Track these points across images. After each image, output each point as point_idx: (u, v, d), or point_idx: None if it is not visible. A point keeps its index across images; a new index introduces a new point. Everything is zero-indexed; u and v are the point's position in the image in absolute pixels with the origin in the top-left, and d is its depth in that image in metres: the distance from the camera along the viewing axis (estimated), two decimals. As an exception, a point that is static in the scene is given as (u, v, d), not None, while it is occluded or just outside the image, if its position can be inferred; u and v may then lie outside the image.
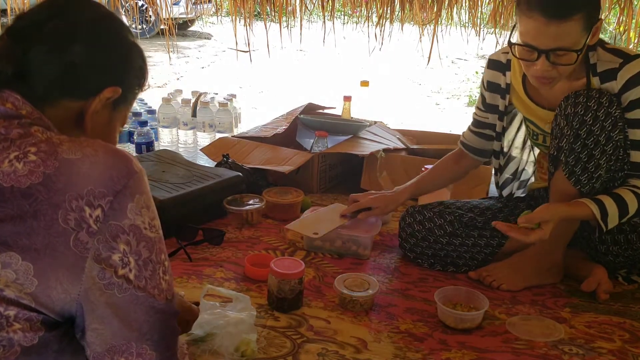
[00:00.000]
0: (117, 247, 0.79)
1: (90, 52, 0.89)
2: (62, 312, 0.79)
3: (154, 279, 0.82)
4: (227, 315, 1.41)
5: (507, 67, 1.82)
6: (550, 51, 1.52)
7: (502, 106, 1.86)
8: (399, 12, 3.27)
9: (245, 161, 2.45)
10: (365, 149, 2.49)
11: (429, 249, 1.86)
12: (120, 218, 0.79)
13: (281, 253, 1.93)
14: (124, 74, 0.95)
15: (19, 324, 0.76)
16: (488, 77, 1.87)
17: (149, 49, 7.32)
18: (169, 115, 3.00)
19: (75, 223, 0.77)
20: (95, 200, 0.78)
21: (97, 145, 0.82)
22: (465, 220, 1.86)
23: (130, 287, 0.80)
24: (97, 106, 0.91)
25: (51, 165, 0.78)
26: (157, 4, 3.42)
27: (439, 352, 1.45)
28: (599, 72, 1.62)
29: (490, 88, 1.88)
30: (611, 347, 1.50)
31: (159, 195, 1.98)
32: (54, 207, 0.77)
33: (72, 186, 0.78)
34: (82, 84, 0.90)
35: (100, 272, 0.78)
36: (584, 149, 1.60)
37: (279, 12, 3.19)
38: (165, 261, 0.86)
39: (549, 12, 1.48)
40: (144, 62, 0.99)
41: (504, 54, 1.83)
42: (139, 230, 0.81)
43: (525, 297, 1.73)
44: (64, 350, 0.81)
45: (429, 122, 4.80)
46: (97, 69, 0.91)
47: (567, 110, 1.62)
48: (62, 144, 0.81)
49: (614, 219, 1.59)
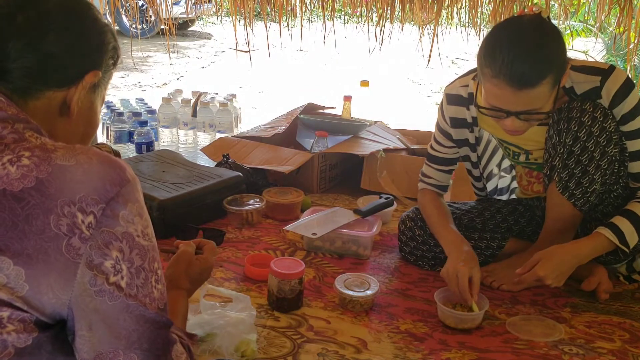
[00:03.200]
0: (110, 254, 0.78)
1: (67, 40, 0.88)
2: (53, 315, 0.78)
3: (146, 287, 0.82)
4: (227, 315, 1.41)
5: (470, 100, 1.72)
6: (520, 113, 1.47)
7: (472, 139, 1.79)
8: (399, 12, 3.27)
9: (245, 161, 2.45)
10: (366, 149, 2.49)
11: (429, 252, 1.85)
12: (112, 225, 0.79)
13: (281, 253, 1.93)
14: (101, 56, 0.94)
15: (13, 325, 0.76)
16: (450, 113, 1.77)
17: (149, 49, 7.32)
18: (169, 115, 3.00)
19: (68, 228, 0.76)
20: (87, 207, 0.77)
21: (91, 153, 0.82)
22: (465, 222, 1.86)
23: (121, 295, 0.79)
24: (81, 93, 0.91)
25: (44, 170, 0.77)
26: (157, 3, 3.41)
27: (439, 352, 1.45)
28: (580, 94, 1.58)
29: (455, 124, 1.78)
30: (611, 347, 1.49)
31: (159, 195, 1.98)
32: (46, 212, 0.76)
33: (64, 192, 0.77)
34: (63, 72, 0.89)
35: (92, 278, 0.77)
36: (577, 165, 1.58)
37: (279, 12, 3.19)
38: (158, 270, 0.85)
39: (516, 82, 1.40)
40: (116, 40, 0.98)
41: (464, 88, 1.73)
42: (131, 237, 0.80)
43: (525, 297, 1.72)
44: (58, 351, 0.80)
45: (429, 122, 4.79)
46: (76, 56, 0.90)
47: (560, 125, 1.58)
48: (56, 150, 0.80)
49: (632, 237, 1.56)
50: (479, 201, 2.00)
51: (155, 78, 6.39)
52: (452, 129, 1.79)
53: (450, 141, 1.82)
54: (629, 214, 1.58)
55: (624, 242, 1.56)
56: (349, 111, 2.87)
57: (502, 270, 1.78)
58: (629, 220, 1.57)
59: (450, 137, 1.81)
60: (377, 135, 2.68)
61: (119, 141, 2.82)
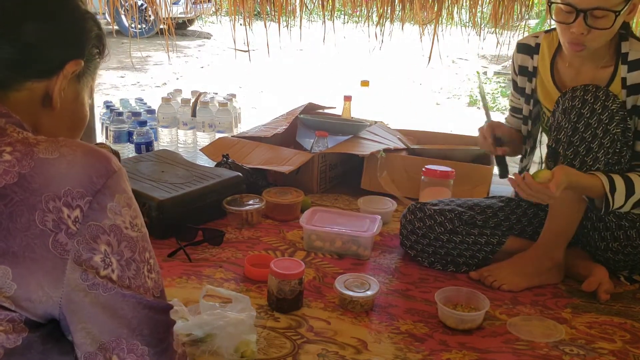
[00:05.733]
0: (98, 248, 0.77)
1: (45, 29, 0.86)
2: (44, 315, 0.77)
3: (138, 278, 0.80)
4: (226, 315, 1.41)
5: (536, 50, 1.84)
6: (588, 11, 1.53)
7: (529, 89, 1.89)
8: (399, 11, 3.26)
9: (245, 161, 2.44)
10: (366, 149, 2.48)
11: (429, 247, 1.85)
12: (99, 218, 0.77)
13: (281, 253, 1.92)
14: (82, 45, 0.91)
15: (2, 326, 0.74)
16: (519, 61, 1.89)
17: (148, 49, 7.32)
18: (168, 115, 2.99)
19: (54, 224, 0.75)
20: (73, 201, 0.76)
21: (74, 145, 0.80)
22: (466, 218, 1.86)
23: (115, 287, 0.78)
24: (63, 83, 0.88)
25: (27, 165, 0.75)
26: (156, 3, 3.40)
27: (439, 352, 1.44)
28: (630, 60, 1.64)
29: (520, 71, 1.90)
30: (612, 348, 1.49)
31: (158, 196, 1.98)
32: (30, 208, 0.74)
33: (48, 186, 0.75)
34: (43, 63, 0.87)
35: (83, 274, 0.76)
36: (582, 143, 1.62)
37: (279, 11, 3.18)
38: (150, 259, 0.83)
39: None
40: (100, 29, 0.95)
41: (534, 38, 1.86)
42: (119, 230, 0.79)
43: (526, 297, 1.72)
44: (49, 351, 0.79)
45: (429, 122, 4.80)
46: (55, 45, 0.87)
47: (564, 104, 1.65)
48: (38, 144, 0.78)
49: (620, 196, 1.60)
50: (483, 198, 2.00)
51: (154, 78, 6.38)
52: (517, 76, 1.91)
53: (515, 89, 1.95)
54: (627, 179, 1.62)
55: (613, 195, 1.59)
56: (349, 111, 2.87)
57: (503, 270, 1.77)
58: (624, 183, 1.61)
59: (516, 85, 1.94)
60: (377, 135, 2.68)
61: (118, 141, 2.81)
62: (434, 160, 2.37)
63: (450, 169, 2.23)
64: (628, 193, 1.61)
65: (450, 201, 1.93)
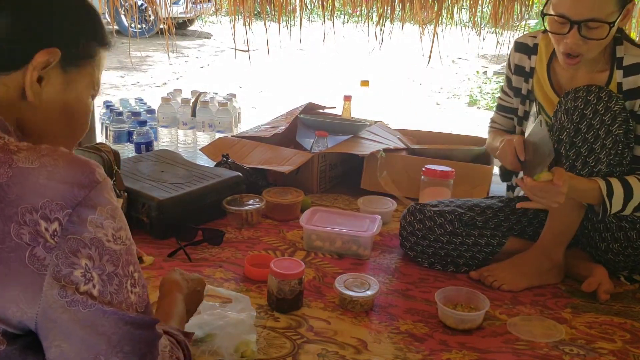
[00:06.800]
0: (79, 262, 0.73)
1: (5, 17, 0.80)
2: (20, 327, 0.74)
3: (121, 293, 0.77)
4: (226, 315, 1.41)
5: (534, 50, 1.83)
6: (583, 22, 1.52)
7: (525, 90, 1.88)
8: (399, 11, 3.26)
9: (245, 161, 2.44)
10: (366, 149, 2.48)
11: (429, 248, 1.85)
12: (80, 232, 0.73)
13: (281, 253, 1.92)
14: (55, 31, 0.84)
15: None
16: (515, 60, 1.88)
17: (148, 49, 7.32)
18: (168, 115, 2.99)
19: (30, 237, 0.71)
20: (52, 214, 0.72)
21: (57, 154, 0.75)
22: (466, 219, 1.86)
23: (96, 303, 0.74)
24: (34, 75, 0.82)
25: (4, 174, 0.72)
26: (156, 3, 3.40)
27: (439, 352, 1.44)
28: (625, 65, 1.64)
29: (516, 71, 1.88)
30: (612, 348, 1.49)
31: (158, 195, 1.97)
32: (6, 220, 0.70)
33: (26, 198, 0.71)
34: (5, 55, 0.81)
35: (61, 290, 0.72)
36: (584, 143, 1.61)
37: (279, 11, 3.18)
38: (134, 273, 0.79)
39: None
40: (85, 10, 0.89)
41: (532, 38, 1.85)
42: (101, 243, 0.75)
43: (526, 297, 1.72)
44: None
45: (429, 122, 4.80)
46: (17, 35, 0.81)
47: (567, 104, 1.64)
48: (19, 152, 0.74)
49: (618, 200, 1.60)
50: (483, 199, 2.00)
51: (154, 78, 6.38)
52: (513, 75, 1.90)
53: (509, 87, 1.93)
54: (625, 183, 1.61)
55: (610, 199, 1.59)
56: (349, 111, 2.87)
57: (503, 270, 1.77)
58: (623, 187, 1.60)
59: (510, 84, 1.92)
60: (377, 135, 2.68)
61: (118, 141, 2.81)
62: (434, 160, 2.37)
63: (450, 169, 2.23)
64: (626, 197, 1.60)
65: (450, 202, 1.92)
